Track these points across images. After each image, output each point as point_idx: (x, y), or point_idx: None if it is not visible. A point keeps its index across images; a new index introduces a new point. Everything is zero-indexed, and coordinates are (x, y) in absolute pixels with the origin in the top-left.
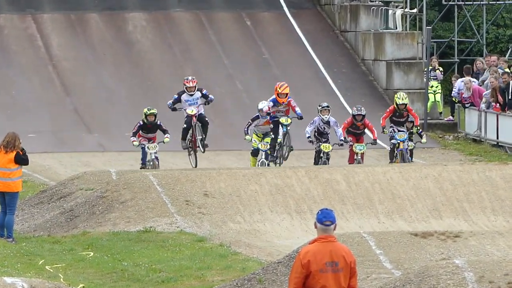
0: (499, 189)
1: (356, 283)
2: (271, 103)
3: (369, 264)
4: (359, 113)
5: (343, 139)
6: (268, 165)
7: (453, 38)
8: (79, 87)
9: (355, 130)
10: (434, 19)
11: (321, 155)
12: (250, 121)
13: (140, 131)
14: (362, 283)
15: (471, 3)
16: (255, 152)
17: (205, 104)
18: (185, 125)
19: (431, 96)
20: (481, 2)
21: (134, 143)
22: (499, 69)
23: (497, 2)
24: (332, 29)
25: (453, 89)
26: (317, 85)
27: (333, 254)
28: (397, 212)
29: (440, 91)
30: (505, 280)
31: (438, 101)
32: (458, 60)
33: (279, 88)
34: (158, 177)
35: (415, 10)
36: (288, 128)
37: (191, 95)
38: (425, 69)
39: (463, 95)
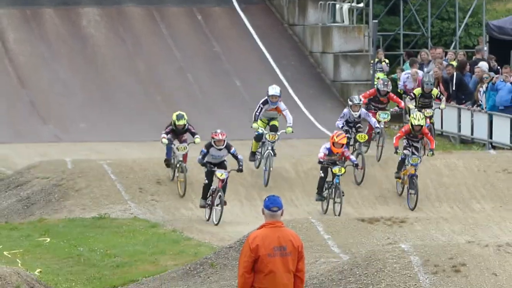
0: (443, 177)
1: (303, 266)
2: (326, 151)
3: (318, 249)
4: (384, 88)
5: (378, 126)
6: (274, 154)
7: (398, 32)
8: (35, 80)
9: (378, 104)
10: (380, 13)
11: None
12: (261, 105)
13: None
14: (311, 267)
15: None
16: (259, 137)
17: (238, 171)
18: (206, 181)
19: None
20: None
21: (163, 140)
22: (444, 61)
23: None
24: (281, 23)
25: (398, 82)
26: (267, 77)
27: (281, 239)
28: (345, 199)
29: None
30: (449, 263)
31: None
32: (403, 52)
33: (336, 137)
34: (112, 166)
35: (361, 5)
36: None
37: (219, 149)
38: (372, 62)
39: (406, 87)
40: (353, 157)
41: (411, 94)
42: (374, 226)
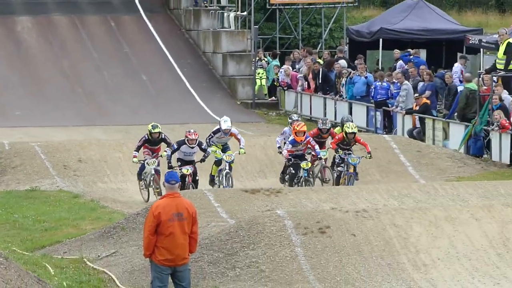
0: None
1: (197, 229)
2: (290, 146)
3: (209, 215)
4: (324, 127)
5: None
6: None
7: (275, 35)
8: None
9: (320, 139)
10: (260, 20)
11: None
12: (211, 133)
13: (146, 144)
14: (203, 230)
15: (290, 7)
16: (219, 162)
17: (201, 161)
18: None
19: (258, 81)
20: (298, 7)
21: (134, 159)
22: (312, 60)
23: (310, 6)
24: (179, 29)
25: (274, 76)
26: (168, 74)
27: (178, 207)
28: (233, 174)
29: (265, 77)
30: (317, 226)
31: (263, 85)
32: (279, 52)
33: (297, 127)
34: (42, 147)
35: (245, 13)
36: (308, 171)
37: (192, 147)
38: (253, 60)
39: (280, 80)
40: (317, 147)
41: (285, 87)
42: (256, 196)
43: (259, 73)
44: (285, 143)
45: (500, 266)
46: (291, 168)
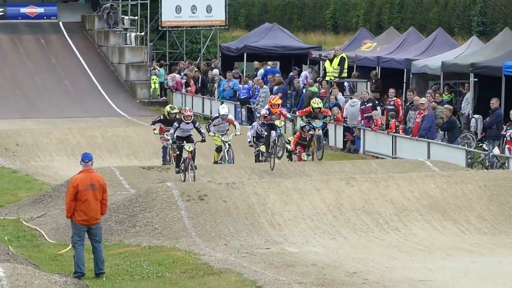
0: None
1: (106, 196)
2: (267, 112)
3: (115, 186)
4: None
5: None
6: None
7: (166, 50)
8: None
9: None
10: (154, 39)
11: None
12: (210, 121)
13: (161, 124)
14: (112, 197)
15: (177, 29)
16: (218, 149)
17: (202, 142)
18: (178, 152)
19: (152, 85)
20: (183, 29)
21: (155, 131)
22: (193, 69)
23: (192, 28)
24: (93, 45)
25: (165, 81)
26: (84, 79)
27: (92, 179)
28: (133, 155)
29: (158, 81)
30: (197, 194)
31: (156, 88)
32: (168, 63)
33: (272, 100)
34: None
35: (143, 33)
36: (281, 128)
37: (187, 123)
38: (149, 69)
39: (169, 84)
40: (288, 115)
41: (175, 89)
42: (151, 172)
43: (153, 79)
44: (254, 137)
45: (335, 225)
46: (265, 132)
